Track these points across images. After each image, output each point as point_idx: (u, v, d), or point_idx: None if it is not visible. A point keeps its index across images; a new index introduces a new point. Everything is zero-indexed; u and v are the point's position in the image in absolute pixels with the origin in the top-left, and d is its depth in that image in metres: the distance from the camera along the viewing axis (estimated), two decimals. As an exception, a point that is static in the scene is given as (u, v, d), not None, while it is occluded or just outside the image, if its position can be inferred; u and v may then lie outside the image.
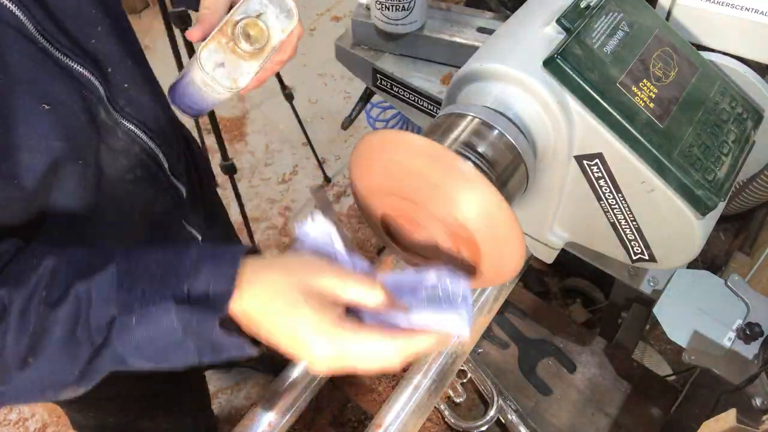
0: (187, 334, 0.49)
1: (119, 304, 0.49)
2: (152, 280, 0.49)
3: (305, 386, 0.79)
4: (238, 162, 2.28)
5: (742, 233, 1.15)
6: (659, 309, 0.85)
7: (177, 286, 0.49)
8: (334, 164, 2.29)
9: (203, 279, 0.49)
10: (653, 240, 0.70)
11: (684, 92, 0.67)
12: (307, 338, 0.49)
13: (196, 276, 0.49)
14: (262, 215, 2.22)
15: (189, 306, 0.48)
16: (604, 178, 0.67)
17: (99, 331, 0.49)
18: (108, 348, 0.49)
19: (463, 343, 0.84)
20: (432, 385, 0.80)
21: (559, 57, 0.62)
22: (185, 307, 0.48)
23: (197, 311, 0.48)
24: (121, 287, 0.49)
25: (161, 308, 0.48)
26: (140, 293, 0.49)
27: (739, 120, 0.70)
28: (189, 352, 0.50)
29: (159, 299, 0.48)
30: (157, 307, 0.48)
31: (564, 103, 0.64)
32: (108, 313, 0.49)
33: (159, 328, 0.49)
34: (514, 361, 1.11)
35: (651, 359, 1.02)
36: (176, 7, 1.40)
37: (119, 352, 0.50)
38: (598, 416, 1.04)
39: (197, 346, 0.50)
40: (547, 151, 0.68)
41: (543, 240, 0.79)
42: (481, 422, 1.02)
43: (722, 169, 0.66)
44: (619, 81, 0.64)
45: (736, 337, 0.81)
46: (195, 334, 0.49)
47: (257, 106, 2.51)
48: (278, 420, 0.77)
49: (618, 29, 0.67)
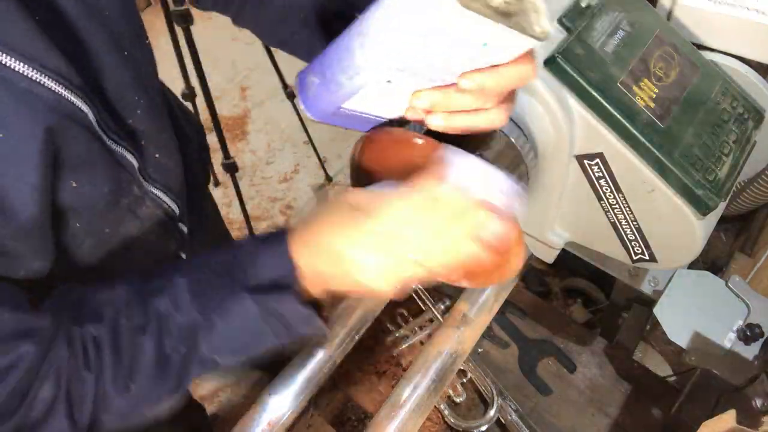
0: (266, 318, 0.52)
1: (198, 309, 0.52)
2: (220, 279, 0.52)
3: (305, 385, 0.79)
4: (240, 161, 2.28)
5: (743, 234, 1.14)
6: (660, 309, 0.85)
7: (244, 278, 0.52)
8: (336, 163, 2.30)
9: (266, 265, 0.52)
10: (654, 240, 0.70)
11: (685, 92, 0.67)
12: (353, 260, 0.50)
13: (258, 265, 0.52)
14: (263, 214, 2.22)
15: (262, 292, 0.51)
16: (604, 178, 0.67)
17: (184, 340, 0.52)
18: (196, 353, 0.53)
19: (462, 341, 0.84)
20: (432, 385, 0.80)
21: (559, 56, 0.62)
22: (259, 294, 0.51)
23: (271, 294, 0.52)
24: (194, 294, 0.52)
25: (237, 301, 0.51)
26: (214, 294, 0.52)
27: (740, 120, 0.70)
28: (268, 337, 0.53)
29: (233, 294, 0.51)
30: (233, 302, 0.51)
31: (565, 102, 0.64)
32: (189, 319, 0.52)
33: (240, 319, 0.52)
34: (514, 361, 1.11)
35: (651, 360, 1.02)
36: (178, 6, 1.40)
37: (206, 354, 0.53)
38: (598, 416, 1.04)
39: (274, 329, 0.53)
40: (548, 151, 0.68)
41: (543, 240, 0.79)
42: (481, 422, 1.02)
43: (723, 169, 0.66)
44: (620, 81, 0.64)
45: (736, 338, 0.81)
46: (273, 315, 0.52)
47: (259, 105, 2.52)
48: (278, 418, 0.77)
49: (619, 29, 0.67)
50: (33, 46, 0.46)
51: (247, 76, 2.61)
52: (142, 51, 0.62)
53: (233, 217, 2.17)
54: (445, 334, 0.85)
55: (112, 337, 0.51)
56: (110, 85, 0.56)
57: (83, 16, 0.51)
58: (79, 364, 0.50)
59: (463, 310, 0.87)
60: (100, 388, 0.51)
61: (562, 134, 0.65)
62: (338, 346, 0.81)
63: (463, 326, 0.85)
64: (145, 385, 0.52)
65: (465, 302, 0.88)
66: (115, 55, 0.56)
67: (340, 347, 0.82)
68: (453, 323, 0.85)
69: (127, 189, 0.62)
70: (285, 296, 0.52)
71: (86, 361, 0.50)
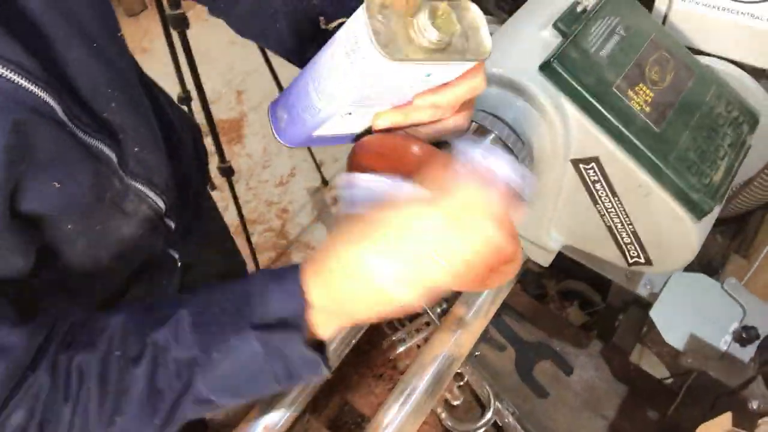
0: (269, 359, 0.50)
1: (198, 344, 0.50)
2: (225, 314, 0.50)
3: (302, 389, 0.79)
4: (236, 164, 2.28)
5: (738, 236, 1.15)
6: (656, 312, 0.85)
7: (251, 314, 0.49)
8: (332, 166, 2.30)
9: (274, 303, 0.50)
10: (649, 243, 0.70)
11: (680, 96, 0.68)
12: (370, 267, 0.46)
13: (267, 302, 0.50)
14: (259, 218, 2.22)
15: (268, 330, 0.49)
16: (600, 182, 0.68)
17: (180, 376, 0.50)
18: (190, 392, 0.50)
19: (459, 345, 0.84)
20: (429, 388, 0.80)
21: (555, 61, 0.62)
22: (264, 332, 0.49)
23: (277, 332, 0.49)
24: (196, 327, 0.50)
25: (241, 337, 0.49)
26: (217, 329, 0.50)
27: (735, 124, 0.71)
28: (269, 379, 0.51)
29: (237, 330, 0.49)
30: (236, 339, 0.49)
31: (560, 106, 0.64)
32: (188, 354, 0.50)
33: (241, 356, 0.49)
34: (510, 364, 1.11)
35: (648, 362, 1.02)
36: (174, 10, 1.40)
37: (201, 392, 0.51)
38: (595, 419, 1.04)
39: (276, 371, 0.50)
40: (544, 155, 0.68)
41: (540, 243, 0.80)
42: (478, 425, 1.02)
43: (718, 172, 0.66)
44: (616, 85, 0.64)
45: (732, 340, 0.81)
46: (277, 356, 0.50)
47: (255, 109, 2.51)
48: (275, 423, 0.77)
49: (614, 33, 0.67)
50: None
51: (243, 80, 2.61)
52: (114, 43, 0.61)
53: (229, 220, 2.16)
54: (442, 337, 0.85)
55: (101, 368, 0.49)
56: (80, 77, 0.55)
57: (46, 9, 0.51)
58: (59, 395, 0.49)
59: (460, 313, 0.87)
60: (77, 420, 0.49)
61: (557, 138, 0.65)
62: (335, 350, 0.81)
63: (460, 329, 0.85)
64: (132, 419, 0.50)
65: (462, 305, 0.88)
66: (84, 48, 0.55)
67: (337, 351, 0.82)
68: (450, 326, 0.86)
69: (108, 183, 0.61)
70: (292, 336, 0.49)
71: (67, 392, 0.49)
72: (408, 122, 0.54)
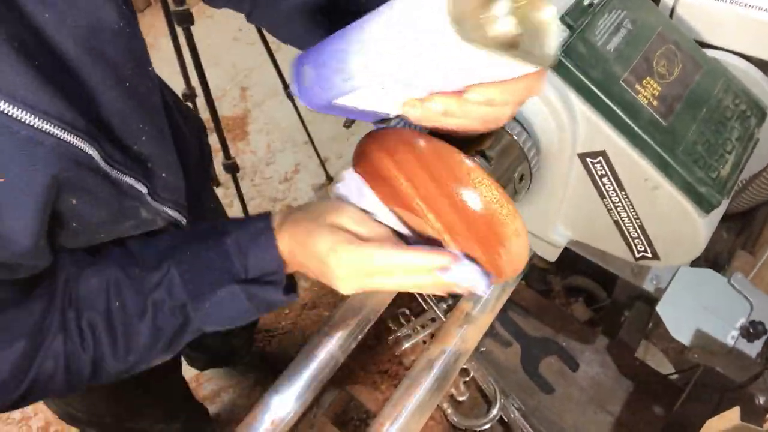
0: (252, 304, 0.59)
1: (190, 297, 0.58)
2: (211, 269, 0.58)
3: (308, 384, 0.79)
4: (240, 161, 2.28)
5: (745, 231, 1.14)
6: (662, 307, 0.85)
7: (234, 269, 0.58)
8: (337, 163, 2.29)
9: (256, 261, 0.58)
10: (656, 238, 0.70)
11: (688, 90, 0.67)
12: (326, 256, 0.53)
13: (245, 258, 0.58)
14: (264, 214, 2.22)
15: (250, 283, 0.58)
16: (607, 176, 0.67)
17: (177, 317, 0.59)
18: (189, 325, 0.60)
19: (465, 340, 0.84)
20: (435, 384, 0.80)
21: (562, 54, 0.62)
22: (247, 285, 0.58)
23: (260, 286, 0.58)
24: (186, 285, 0.58)
25: (228, 291, 0.58)
26: (206, 284, 0.58)
27: (742, 117, 0.70)
28: (252, 314, 0.61)
29: (224, 284, 0.58)
30: (224, 291, 0.58)
31: (567, 100, 0.63)
32: (182, 303, 0.58)
33: (230, 306, 0.59)
34: (516, 360, 1.11)
35: (654, 357, 1.02)
36: (178, 7, 1.40)
37: (197, 326, 0.60)
38: (600, 414, 1.04)
39: (260, 309, 0.60)
40: (551, 149, 0.68)
41: (546, 238, 0.79)
42: (484, 421, 1.02)
43: (726, 166, 0.66)
44: (623, 78, 0.64)
45: (739, 336, 0.81)
46: (259, 300, 0.59)
47: (259, 105, 2.51)
48: (282, 418, 0.77)
49: (621, 27, 0.67)
50: (35, 94, 0.45)
51: (247, 76, 2.61)
52: (145, 78, 0.61)
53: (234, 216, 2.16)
54: (448, 332, 0.85)
55: (106, 322, 0.58)
56: (113, 118, 0.56)
57: (83, 56, 0.51)
58: (76, 347, 0.57)
59: (466, 308, 0.87)
60: (96, 364, 0.58)
61: (564, 132, 0.65)
62: (341, 346, 0.81)
63: (466, 325, 0.85)
64: (142, 353, 0.60)
65: (467, 301, 0.88)
66: (118, 88, 0.55)
67: (343, 347, 0.82)
68: (456, 322, 0.85)
69: (131, 213, 0.64)
70: (273, 288, 0.59)
71: (83, 345, 0.57)
72: (460, 113, 0.49)
